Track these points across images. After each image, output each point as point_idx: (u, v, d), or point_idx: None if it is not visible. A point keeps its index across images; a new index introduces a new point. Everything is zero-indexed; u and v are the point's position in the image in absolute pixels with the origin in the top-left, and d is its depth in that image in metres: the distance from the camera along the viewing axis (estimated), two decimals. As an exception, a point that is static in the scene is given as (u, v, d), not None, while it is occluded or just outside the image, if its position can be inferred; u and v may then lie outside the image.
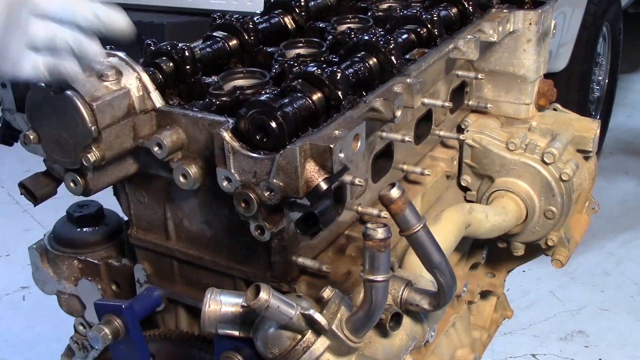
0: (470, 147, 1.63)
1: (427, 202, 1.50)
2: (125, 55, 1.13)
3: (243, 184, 1.02)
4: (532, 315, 3.43)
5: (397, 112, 1.15)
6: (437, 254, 1.04)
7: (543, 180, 1.58)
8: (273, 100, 1.02)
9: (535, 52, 1.63)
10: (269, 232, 1.05)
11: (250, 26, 1.38)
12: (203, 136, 1.09)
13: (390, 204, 0.98)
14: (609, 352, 3.18)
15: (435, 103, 1.35)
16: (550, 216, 1.61)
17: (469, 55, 1.44)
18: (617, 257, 3.87)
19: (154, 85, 1.13)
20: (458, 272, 1.70)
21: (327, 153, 0.99)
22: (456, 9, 1.54)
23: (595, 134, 1.70)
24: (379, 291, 0.98)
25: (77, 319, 1.47)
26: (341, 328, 1.02)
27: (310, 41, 1.40)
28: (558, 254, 1.74)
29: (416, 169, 1.41)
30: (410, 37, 1.40)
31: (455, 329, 1.68)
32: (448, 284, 1.07)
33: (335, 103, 1.10)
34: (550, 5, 1.65)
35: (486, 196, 1.64)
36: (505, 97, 1.69)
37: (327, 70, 1.10)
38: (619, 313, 3.42)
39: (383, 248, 0.95)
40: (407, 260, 1.29)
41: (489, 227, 1.51)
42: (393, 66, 1.24)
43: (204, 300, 1.05)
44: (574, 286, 3.64)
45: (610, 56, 4.87)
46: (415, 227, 1.00)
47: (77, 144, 1.07)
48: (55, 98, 1.05)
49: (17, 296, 3.59)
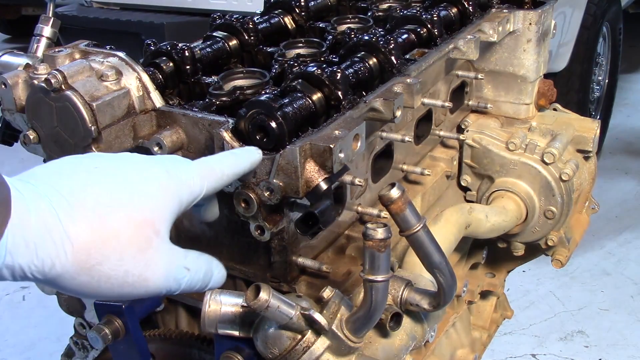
0: (470, 147, 1.63)
1: (427, 202, 1.50)
2: (125, 55, 1.13)
3: (243, 184, 1.02)
4: (532, 315, 3.44)
5: (397, 112, 1.15)
6: (437, 254, 1.04)
7: (543, 180, 1.58)
8: (273, 100, 1.02)
9: (535, 52, 1.63)
10: (269, 232, 1.05)
11: (250, 26, 1.38)
12: (203, 136, 1.09)
13: (390, 204, 0.98)
14: (609, 352, 3.18)
15: (435, 103, 1.35)
16: (550, 216, 1.61)
17: (469, 55, 1.44)
18: (617, 257, 3.87)
19: (154, 85, 1.13)
20: (458, 272, 1.70)
21: (327, 153, 0.99)
22: (456, 9, 1.54)
23: (595, 134, 1.70)
24: (379, 291, 0.98)
25: (77, 319, 1.47)
26: (341, 328, 1.02)
27: (310, 41, 1.40)
28: (558, 254, 1.74)
29: (416, 169, 1.41)
30: (410, 37, 1.40)
31: (455, 329, 1.68)
32: (448, 284, 1.07)
33: (335, 103, 1.10)
34: (550, 5, 1.65)
35: (486, 196, 1.64)
36: (505, 97, 1.69)
37: (327, 70, 1.10)
38: (619, 313, 3.42)
39: (383, 248, 0.95)
40: (407, 260, 1.29)
41: (489, 227, 1.51)
42: (393, 66, 1.24)
43: (204, 300, 1.05)
44: (574, 286, 3.64)
45: (610, 56, 4.88)
46: (415, 227, 1.00)
47: (77, 144, 1.07)
48: (55, 98, 1.05)
49: (17, 296, 3.60)
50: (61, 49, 1.14)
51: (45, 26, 1.37)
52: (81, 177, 0.82)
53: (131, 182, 0.84)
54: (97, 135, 1.06)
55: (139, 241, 0.81)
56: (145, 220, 0.82)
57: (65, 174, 0.82)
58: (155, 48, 1.25)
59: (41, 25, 1.37)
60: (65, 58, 1.12)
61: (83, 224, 0.78)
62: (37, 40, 1.36)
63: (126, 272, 0.80)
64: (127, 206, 0.81)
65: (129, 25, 4.13)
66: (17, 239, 0.74)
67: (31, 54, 1.32)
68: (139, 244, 0.81)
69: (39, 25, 1.37)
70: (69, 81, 1.04)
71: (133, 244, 0.81)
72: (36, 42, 1.36)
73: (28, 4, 7.35)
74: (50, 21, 1.37)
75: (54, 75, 1.04)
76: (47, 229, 0.76)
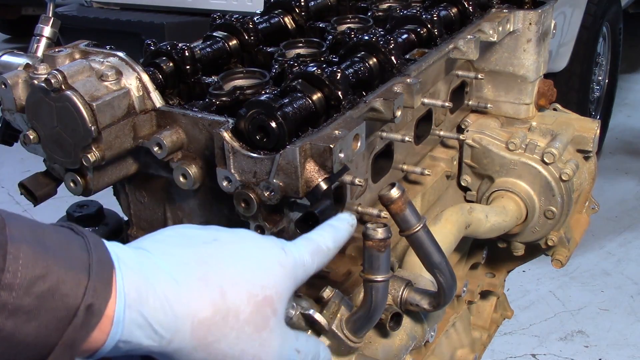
0: (470, 147, 1.63)
1: (427, 202, 1.50)
2: (125, 55, 1.13)
3: (243, 184, 1.02)
4: (532, 315, 3.44)
5: (397, 112, 1.15)
6: (437, 254, 1.04)
7: (543, 180, 1.58)
8: (273, 100, 1.02)
9: (535, 52, 1.63)
10: (269, 232, 1.05)
11: (250, 26, 1.38)
12: (203, 136, 1.09)
13: (390, 204, 0.98)
14: (609, 352, 3.18)
15: (435, 103, 1.35)
16: (550, 216, 1.61)
17: (469, 55, 1.44)
18: (617, 257, 3.87)
19: (154, 85, 1.13)
20: (458, 272, 1.70)
21: (327, 153, 0.98)
22: (456, 9, 1.54)
23: (595, 134, 1.70)
24: (379, 291, 0.98)
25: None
26: (341, 328, 1.02)
27: (310, 41, 1.40)
28: (558, 254, 1.74)
29: (416, 169, 1.41)
30: (410, 37, 1.40)
31: (455, 329, 1.68)
32: (448, 284, 1.07)
33: (335, 103, 1.10)
34: (550, 5, 1.65)
35: (486, 196, 1.64)
36: (505, 97, 1.69)
37: (327, 70, 1.10)
38: (619, 313, 3.43)
39: (383, 248, 0.95)
40: (407, 260, 1.29)
41: (489, 227, 1.51)
42: (393, 66, 1.24)
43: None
44: (574, 286, 3.65)
45: (610, 56, 4.88)
46: (415, 227, 1.00)
47: (77, 144, 1.07)
48: (55, 98, 1.05)
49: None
50: (61, 49, 1.14)
51: (45, 26, 1.37)
52: (201, 249, 0.79)
53: (253, 257, 0.81)
54: (97, 135, 1.06)
55: (256, 320, 0.78)
56: (265, 298, 0.79)
57: (184, 244, 0.80)
58: (155, 48, 1.25)
59: (41, 25, 1.37)
60: (65, 58, 1.12)
61: (206, 299, 0.75)
62: (37, 40, 1.36)
63: (242, 351, 0.78)
64: (249, 282, 0.79)
65: (129, 25, 4.13)
66: (135, 315, 0.71)
67: (31, 54, 1.32)
68: (257, 323, 0.78)
69: (39, 25, 1.37)
70: (69, 81, 1.04)
71: (251, 322, 0.78)
72: (36, 42, 1.36)
73: (28, 4, 7.36)
74: (50, 21, 1.37)
75: (54, 75, 1.03)
76: (168, 303, 0.73)
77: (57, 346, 0.67)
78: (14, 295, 0.65)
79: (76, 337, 0.68)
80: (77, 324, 0.68)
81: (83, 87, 1.05)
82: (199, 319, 0.75)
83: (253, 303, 0.78)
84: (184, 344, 0.74)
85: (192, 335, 0.74)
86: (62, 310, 0.67)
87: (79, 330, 0.68)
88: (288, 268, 0.84)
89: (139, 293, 0.72)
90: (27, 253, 0.67)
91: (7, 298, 0.64)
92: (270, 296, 0.80)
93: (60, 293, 0.67)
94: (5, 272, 0.65)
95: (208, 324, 0.75)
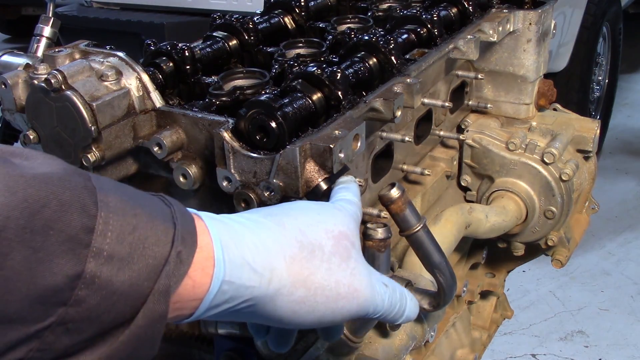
0: (470, 147, 1.63)
1: (427, 202, 1.50)
2: (125, 55, 1.13)
3: (243, 184, 1.02)
4: (532, 315, 3.44)
5: (397, 112, 1.15)
6: (437, 254, 1.04)
7: (543, 180, 1.59)
8: (273, 100, 1.02)
9: (535, 52, 1.63)
10: (269, 232, 1.05)
11: (250, 26, 1.38)
12: (203, 136, 1.09)
13: (390, 204, 0.98)
14: (609, 352, 3.18)
15: (435, 103, 1.35)
16: (550, 216, 1.61)
17: (469, 55, 1.44)
18: (617, 257, 3.87)
19: (154, 85, 1.13)
20: (458, 272, 1.71)
21: (327, 153, 0.98)
22: (456, 9, 1.54)
23: (595, 134, 1.70)
24: (379, 291, 0.98)
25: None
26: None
27: (310, 41, 1.40)
28: (558, 254, 1.74)
29: (416, 169, 1.41)
30: (410, 37, 1.41)
31: (455, 329, 1.68)
32: (448, 284, 1.07)
33: (335, 103, 1.10)
34: (550, 5, 1.65)
35: (486, 196, 1.64)
36: (505, 97, 1.69)
37: (327, 70, 1.10)
38: (618, 313, 3.43)
39: (383, 248, 0.95)
40: (407, 260, 1.29)
41: (489, 227, 1.51)
42: (393, 66, 1.24)
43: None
44: (574, 286, 3.65)
45: (610, 56, 4.88)
46: (415, 227, 1.00)
47: (77, 144, 1.07)
48: (55, 98, 1.05)
49: None
50: (61, 49, 1.14)
51: (45, 26, 1.37)
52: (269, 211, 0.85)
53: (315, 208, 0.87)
54: (97, 135, 1.06)
55: (340, 252, 0.82)
56: (340, 233, 0.84)
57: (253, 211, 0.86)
58: (155, 48, 1.25)
59: (41, 25, 1.37)
60: (65, 58, 1.12)
61: (291, 237, 0.79)
62: (37, 40, 1.36)
63: (337, 282, 0.81)
64: (322, 222, 0.83)
65: (129, 25, 4.13)
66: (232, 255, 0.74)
67: (31, 54, 1.32)
68: (341, 254, 0.82)
69: (39, 25, 1.37)
70: (69, 81, 1.04)
71: (336, 254, 0.82)
72: (36, 42, 1.36)
73: (28, 4, 7.36)
74: (50, 21, 1.37)
75: (54, 75, 1.04)
76: (260, 242, 0.77)
77: (151, 294, 0.67)
78: (108, 242, 0.64)
79: (169, 285, 0.69)
80: (169, 271, 0.69)
81: (83, 87, 1.05)
82: (290, 254, 0.78)
83: (332, 237, 0.82)
84: (283, 282, 0.77)
85: (289, 272, 0.77)
86: (153, 258, 0.68)
87: (171, 278, 0.69)
88: (347, 210, 0.89)
89: (230, 236, 0.75)
90: (116, 202, 0.67)
91: (102, 244, 0.64)
92: (344, 231, 0.84)
93: (150, 242, 0.68)
94: (98, 218, 0.64)
95: (299, 259, 0.78)
